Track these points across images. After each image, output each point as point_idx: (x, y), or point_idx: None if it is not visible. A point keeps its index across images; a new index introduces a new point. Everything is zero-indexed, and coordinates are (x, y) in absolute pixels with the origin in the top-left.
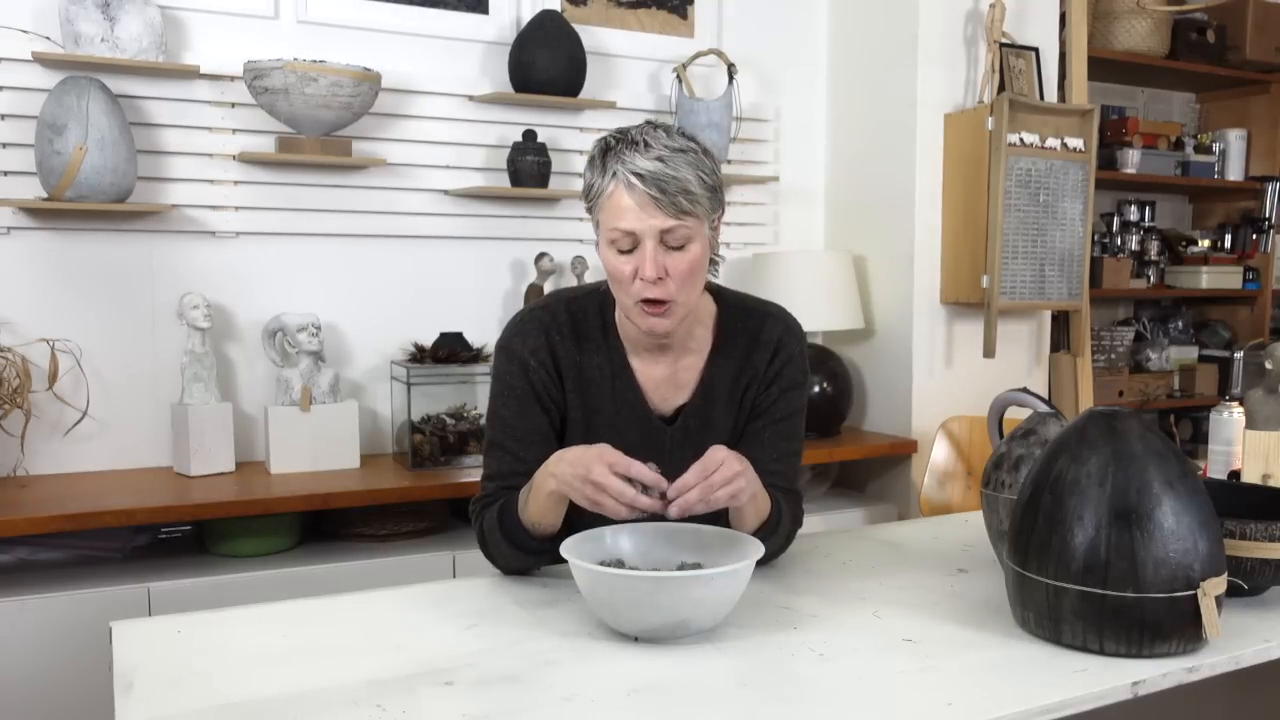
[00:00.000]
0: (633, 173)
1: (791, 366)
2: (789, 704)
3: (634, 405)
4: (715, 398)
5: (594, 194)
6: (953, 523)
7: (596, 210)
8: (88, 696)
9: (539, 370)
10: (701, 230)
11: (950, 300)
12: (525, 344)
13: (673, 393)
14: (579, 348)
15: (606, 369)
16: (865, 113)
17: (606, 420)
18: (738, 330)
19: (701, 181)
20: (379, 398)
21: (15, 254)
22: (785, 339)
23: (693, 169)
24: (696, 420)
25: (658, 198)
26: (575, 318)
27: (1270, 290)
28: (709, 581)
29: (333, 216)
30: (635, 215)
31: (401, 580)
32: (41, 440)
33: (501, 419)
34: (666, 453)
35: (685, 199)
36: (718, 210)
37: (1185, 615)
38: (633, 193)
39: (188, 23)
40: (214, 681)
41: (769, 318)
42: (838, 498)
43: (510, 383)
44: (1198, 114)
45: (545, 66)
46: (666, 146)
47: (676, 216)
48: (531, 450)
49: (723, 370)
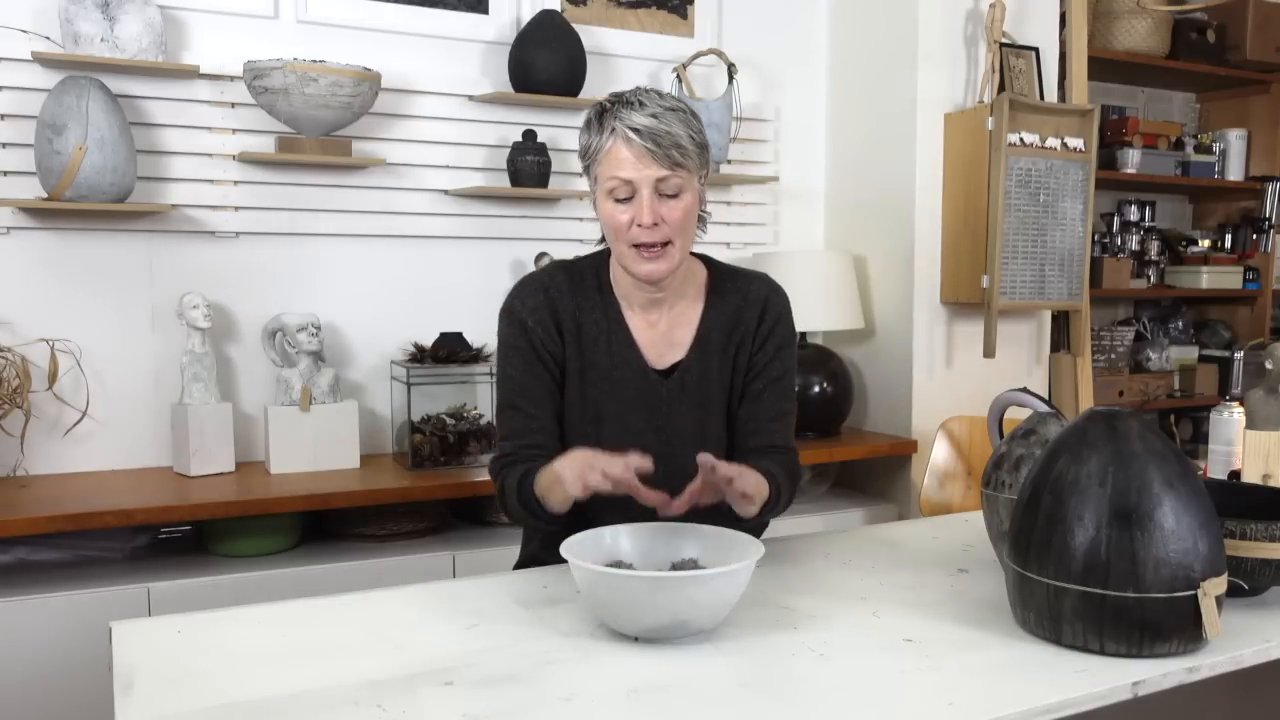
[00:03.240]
0: (630, 128)
1: (782, 325)
2: (789, 704)
3: (630, 360)
4: (709, 353)
5: (592, 151)
6: (953, 523)
7: (595, 166)
8: (88, 696)
9: (537, 328)
10: (692, 183)
11: (950, 300)
12: (524, 305)
13: (668, 349)
14: (577, 304)
15: (603, 324)
16: (865, 113)
17: (603, 374)
18: (727, 289)
19: (691, 139)
20: (379, 398)
21: (15, 254)
22: (772, 298)
23: (684, 126)
24: (692, 374)
25: (653, 150)
26: (573, 278)
27: (1270, 290)
28: (707, 581)
29: (333, 216)
30: (632, 165)
31: (401, 580)
32: (41, 440)
33: (510, 378)
34: (664, 404)
35: (678, 152)
36: (705, 168)
37: (1185, 615)
38: (630, 146)
39: (187, 23)
40: (214, 681)
41: (755, 278)
42: (838, 498)
43: (514, 343)
44: (1198, 114)
45: (545, 66)
46: (659, 105)
47: (670, 167)
48: (541, 406)
49: (716, 326)
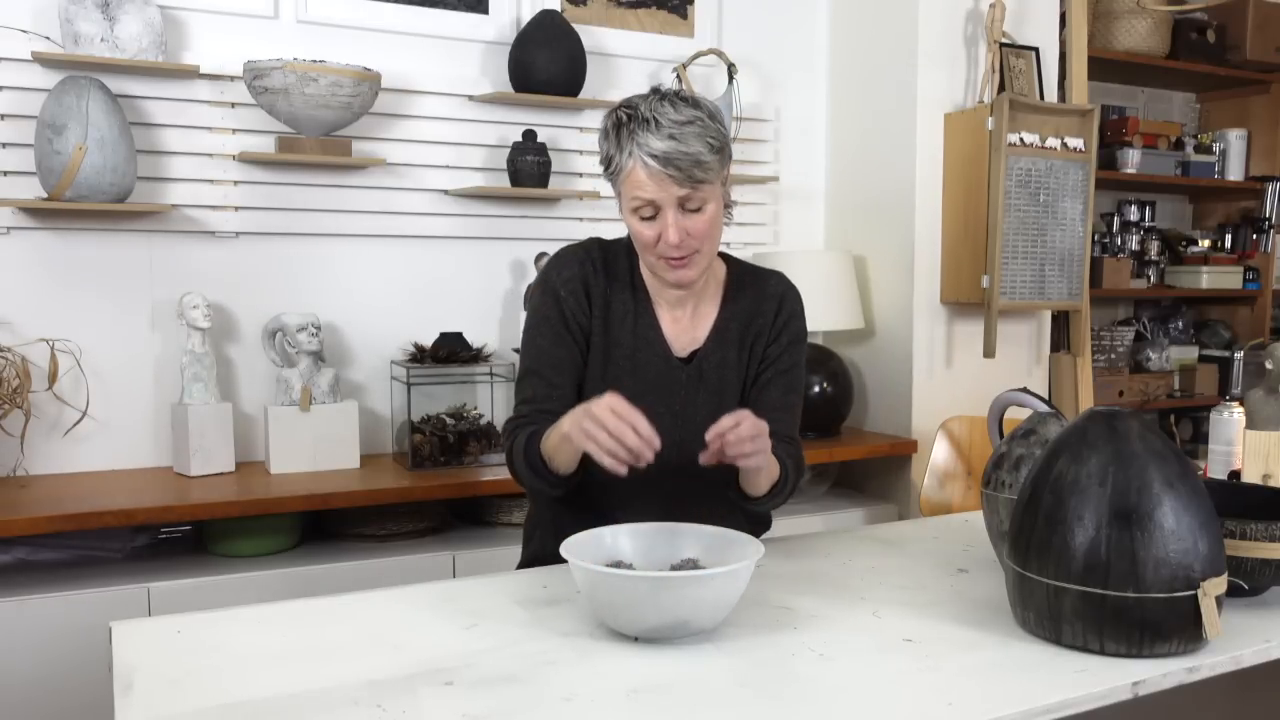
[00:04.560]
0: (648, 155)
1: (795, 321)
2: (789, 704)
3: (653, 344)
4: (728, 343)
5: (613, 168)
6: (953, 523)
7: (617, 182)
8: (88, 696)
9: (569, 299)
10: (716, 190)
11: (950, 300)
12: (560, 275)
13: (689, 339)
14: (609, 283)
15: (630, 305)
16: (865, 113)
17: (625, 353)
18: (746, 284)
19: (711, 148)
20: (379, 398)
21: (15, 254)
22: (788, 294)
23: (701, 140)
24: (711, 362)
25: (674, 175)
26: (608, 257)
27: (1270, 290)
28: (707, 581)
29: (333, 216)
30: (655, 187)
31: (401, 580)
32: (41, 440)
33: (538, 347)
34: (682, 389)
35: (699, 170)
36: (727, 165)
37: (1185, 615)
38: (650, 171)
39: (187, 23)
40: (214, 681)
41: (773, 275)
42: (838, 498)
43: (546, 313)
44: (1198, 114)
45: (545, 66)
46: (675, 121)
47: (692, 186)
48: (564, 377)
49: (734, 318)
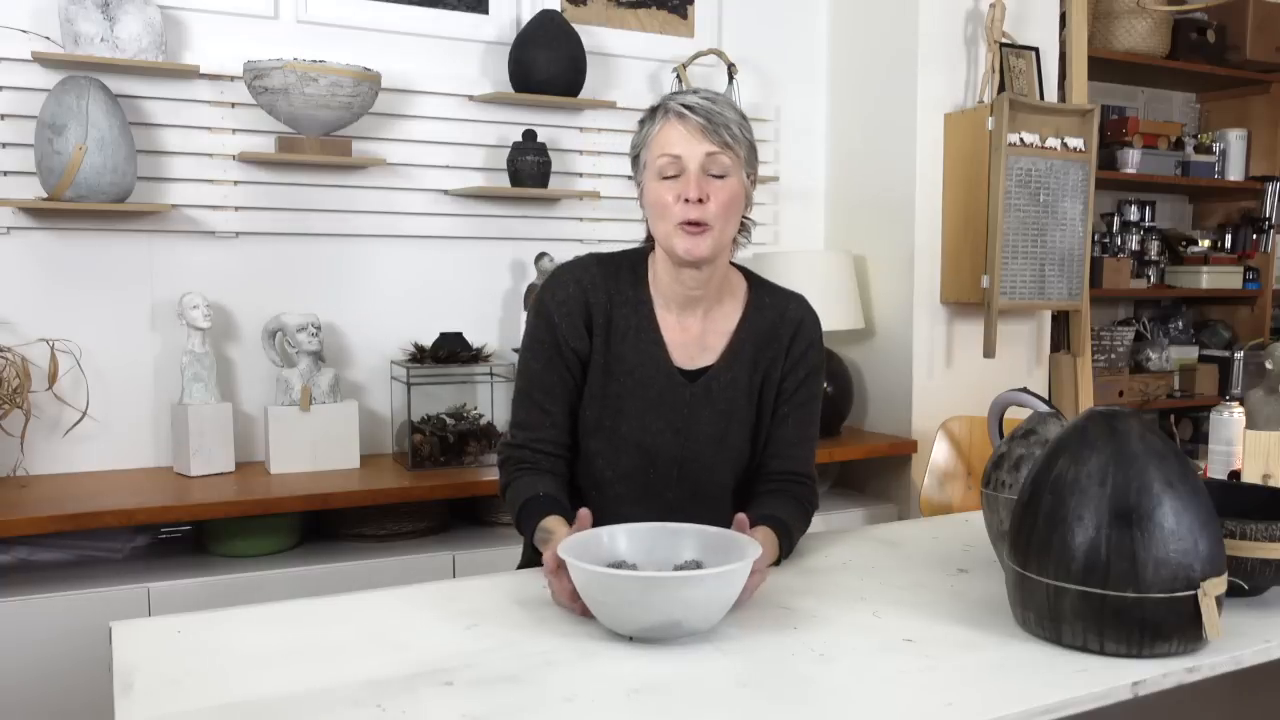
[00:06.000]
0: (683, 104)
1: (814, 351)
2: (789, 704)
3: (657, 359)
4: (741, 363)
5: (642, 137)
6: (953, 523)
7: (645, 151)
8: (88, 696)
9: (563, 324)
10: (739, 171)
11: (950, 300)
12: (554, 297)
13: (699, 353)
14: (609, 298)
15: (633, 320)
16: (865, 113)
17: (628, 369)
18: (765, 304)
19: (741, 129)
20: (379, 398)
21: (15, 254)
22: (807, 320)
23: (735, 114)
24: (720, 382)
25: (704, 125)
26: (607, 270)
27: (1270, 290)
28: (701, 582)
29: (333, 216)
30: (683, 140)
31: (401, 580)
32: (41, 440)
33: (532, 371)
34: (685, 407)
35: (727, 132)
36: (753, 166)
37: (1185, 615)
38: (683, 121)
39: (187, 22)
40: (214, 681)
41: (794, 299)
42: (838, 498)
43: (539, 336)
44: (1198, 114)
45: (545, 66)
46: (708, 95)
47: (720, 145)
48: (556, 404)
49: (749, 338)
